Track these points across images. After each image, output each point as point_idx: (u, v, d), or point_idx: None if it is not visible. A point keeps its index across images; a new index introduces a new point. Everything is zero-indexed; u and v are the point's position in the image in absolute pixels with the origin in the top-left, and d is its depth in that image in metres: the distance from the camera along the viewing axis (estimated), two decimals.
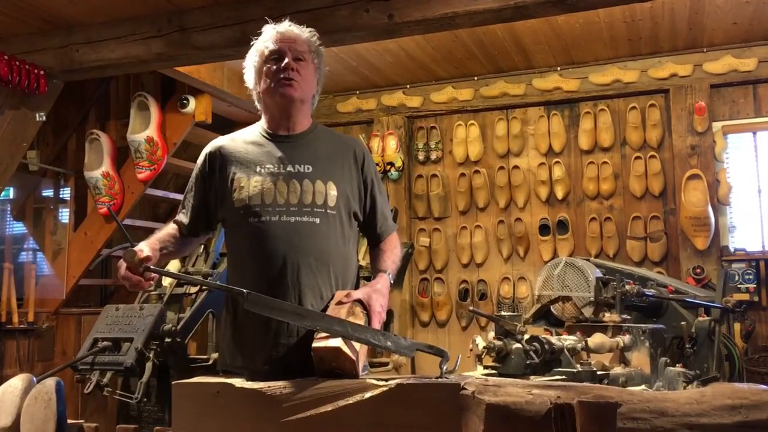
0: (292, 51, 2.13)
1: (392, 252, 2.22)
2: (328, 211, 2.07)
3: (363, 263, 3.20)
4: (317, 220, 2.05)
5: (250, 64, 2.20)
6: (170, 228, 2.20)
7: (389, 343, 1.82)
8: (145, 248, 1.98)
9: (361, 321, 1.89)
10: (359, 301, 1.96)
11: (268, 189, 2.06)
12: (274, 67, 2.11)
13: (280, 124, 2.17)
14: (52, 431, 1.75)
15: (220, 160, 2.15)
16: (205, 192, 2.18)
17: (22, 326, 4.58)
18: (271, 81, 2.12)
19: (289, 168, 2.09)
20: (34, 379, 1.88)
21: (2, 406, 1.83)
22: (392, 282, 2.14)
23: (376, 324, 1.97)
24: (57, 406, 1.77)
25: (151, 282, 1.94)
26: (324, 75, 2.25)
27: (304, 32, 2.18)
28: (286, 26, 2.17)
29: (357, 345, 1.78)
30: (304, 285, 2.03)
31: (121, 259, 1.88)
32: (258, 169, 2.09)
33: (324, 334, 1.77)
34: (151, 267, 1.93)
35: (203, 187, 2.19)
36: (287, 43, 2.13)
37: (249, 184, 2.07)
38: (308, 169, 2.09)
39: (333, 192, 2.09)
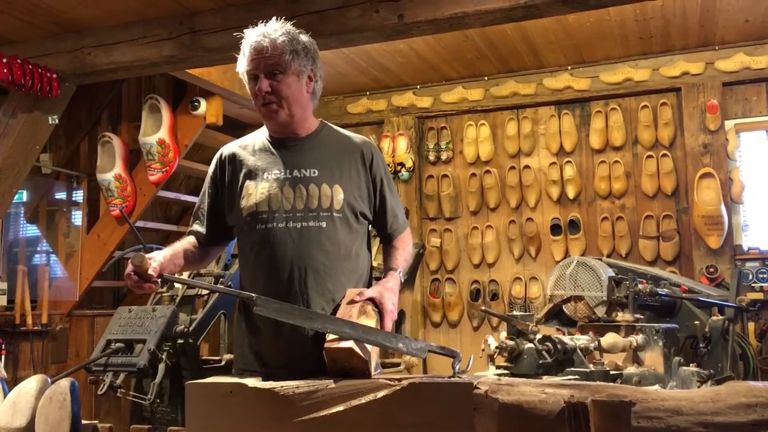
0: (266, 68, 2.04)
1: (404, 249, 2.21)
2: (334, 214, 2.07)
3: (375, 263, 3.20)
4: (323, 224, 2.05)
5: (241, 75, 2.14)
6: (188, 240, 2.20)
7: (400, 345, 1.81)
8: (158, 258, 1.96)
9: (372, 319, 1.88)
10: (371, 300, 1.96)
11: (274, 195, 2.07)
12: (254, 91, 2.07)
13: (281, 132, 2.17)
14: (67, 431, 1.76)
15: (230, 168, 2.17)
16: (218, 199, 2.19)
17: (36, 328, 4.60)
18: (257, 107, 2.11)
19: (295, 173, 2.09)
20: (49, 380, 1.89)
21: (17, 406, 1.84)
22: (403, 280, 2.13)
23: (389, 322, 1.97)
24: (71, 407, 1.77)
25: (153, 286, 1.92)
26: (320, 66, 2.16)
27: (278, 35, 2.05)
28: (259, 35, 2.06)
29: (369, 345, 1.78)
30: (311, 290, 2.03)
31: (129, 261, 1.89)
32: (265, 175, 2.10)
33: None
34: (164, 274, 1.94)
35: (216, 194, 2.20)
36: (259, 60, 2.04)
37: (256, 191, 2.08)
38: (314, 173, 2.09)
39: (339, 195, 2.08)
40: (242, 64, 2.10)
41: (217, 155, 2.22)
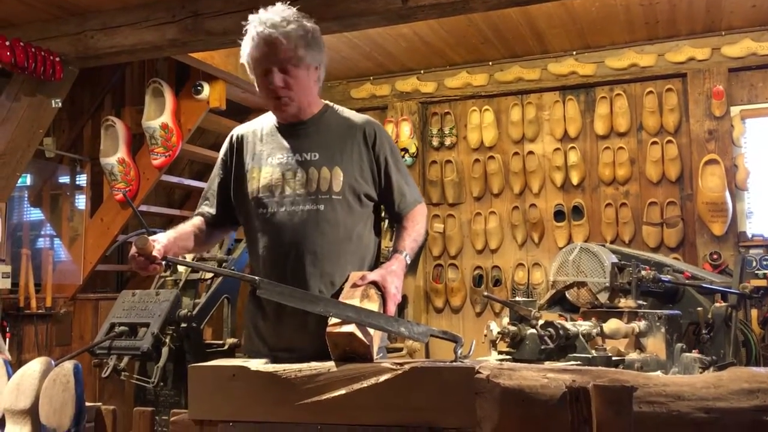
0: (279, 63, 2.00)
1: (413, 229, 2.17)
2: (333, 196, 2.06)
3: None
4: (322, 207, 2.06)
5: (245, 62, 2.10)
6: (195, 220, 2.20)
7: (403, 329, 1.81)
8: (162, 240, 1.95)
9: (375, 303, 1.88)
10: (374, 283, 1.95)
11: (276, 180, 2.08)
12: (265, 83, 2.04)
13: (286, 119, 2.17)
14: (71, 413, 1.77)
15: (238, 152, 2.19)
16: (227, 182, 2.21)
17: (40, 311, 4.62)
18: (266, 98, 2.08)
19: (297, 157, 2.10)
20: (53, 362, 1.90)
21: (21, 388, 1.84)
22: (409, 261, 2.10)
23: (392, 306, 1.96)
24: (75, 389, 1.78)
25: (157, 267, 1.92)
26: (323, 51, 2.12)
27: (290, 28, 1.99)
28: (269, 25, 1.99)
29: (371, 329, 1.78)
30: (309, 273, 2.04)
31: (133, 243, 1.89)
32: (270, 160, 2.12)
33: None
34: (168, 257, 1.94)
35: (225, 177, 2.21)
36: (272, 55, 1.99)
37: (260, 176, 2.10)
38: (315, 156, 2.09)
39: (339, 177, 2.08)
40: (249, 54, 2.05)
41: (228, 137, 2.24)
